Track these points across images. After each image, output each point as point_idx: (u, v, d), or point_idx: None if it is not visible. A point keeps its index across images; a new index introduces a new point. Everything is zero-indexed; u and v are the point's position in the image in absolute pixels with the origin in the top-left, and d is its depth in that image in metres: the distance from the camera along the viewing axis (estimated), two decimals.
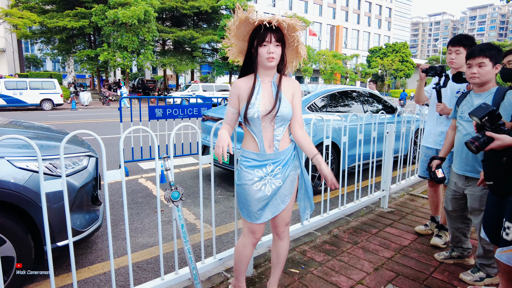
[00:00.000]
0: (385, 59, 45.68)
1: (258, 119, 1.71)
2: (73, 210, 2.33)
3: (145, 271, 2.59)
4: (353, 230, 3.26)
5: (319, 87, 5.13)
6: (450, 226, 2.65)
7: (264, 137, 1.75)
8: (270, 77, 1.78)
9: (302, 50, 1.78)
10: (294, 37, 1.73)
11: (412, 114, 4.76)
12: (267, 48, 1.66)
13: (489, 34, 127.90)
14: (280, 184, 1.81)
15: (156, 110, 5.51)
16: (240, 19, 1.67)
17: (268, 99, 1.74)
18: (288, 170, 1.83)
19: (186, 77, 38.29)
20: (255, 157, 1.78)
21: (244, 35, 1.77)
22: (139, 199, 4.18)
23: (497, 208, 1.93)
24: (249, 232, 1.89)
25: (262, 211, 1.81)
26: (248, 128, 1.78)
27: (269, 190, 1.79)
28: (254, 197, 1.78)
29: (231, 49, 1.84)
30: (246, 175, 1.78)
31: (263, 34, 1.66)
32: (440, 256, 2.72)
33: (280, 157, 1.80)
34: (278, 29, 1.69)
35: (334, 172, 4.65)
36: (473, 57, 2.19)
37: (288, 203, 1.87)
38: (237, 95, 1.78)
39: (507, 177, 1.77)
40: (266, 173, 1.78)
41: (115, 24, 21.85)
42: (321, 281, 2.36)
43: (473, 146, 1.79)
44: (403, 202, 4.15)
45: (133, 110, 6.98)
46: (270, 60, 1.68)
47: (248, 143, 1.81)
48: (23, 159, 2.12)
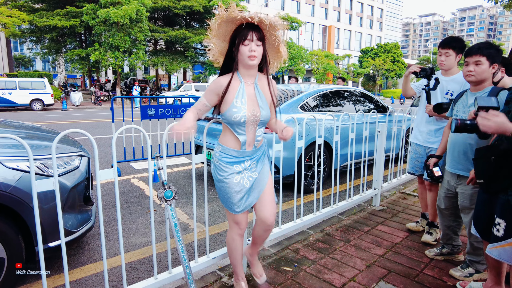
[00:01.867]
0: (376, 59, 46.05)
1: (244, 123, 1.80)
2: (65, 210, 2.31)
3: (138, 271, 2.58)
4: (346, 228, 3.29)
5: (311, 86, 5.16)
6: (442, 224, 2.69)
7: (248, 137, 1.85)
8: (253, 78, 1.82)
9: (282, 50, 1.81)
10: (275, 36, 1.75)
11: (403, 113, 4.82)
12: (249, 47, 1.68)
13: (478, 35, 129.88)
14: (257, 175, 1.93)
15: (148, 110, 5.48)
16: (222, 18, 1.67)
17: (253, 103, 1.80)
18: (262, 163, 1.97)
19: (178, 77, 38.11)
20: (235, 154, 1.87)
21: (225, 35, 1.78)
22: (132, 199, 4.16)
23: (488, 205, 1.97)
24: (234, 223, 1.99)
25: (242, 201, 1.91)
26: (231, 128, 1.83)
27: (247, 183, 1.89)
28: (234, 189, 1.88)
29: (212, 49, 1.84)
30: (226, 170, 1.87)
31: (245, 33, 1.67)
32: (430, 253, 2.76)
33: (257, 153, 1.93)
34: (260, 28, 1.70)
35: (326, 171, 4.69)
36: (470, 55, 2.20)
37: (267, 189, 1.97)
38: (217, 93, 1.80)
39: (496, 175, 1.81)
40: (244, 168, 1.89)
41: (106, 24, 21.63)
42: (314, 279, 2.38)
43: (454, 123, 1.85)
44: (394, 200, 4.20)
45: (125, 110, 6.93)
46: (252, 59, 1.69)
47: (228, 141, 1.88)
48: (13, 159, 2.10)
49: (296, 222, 2.98)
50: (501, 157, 1.78)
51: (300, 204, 3.06)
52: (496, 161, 1.80)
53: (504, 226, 1.77)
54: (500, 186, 1.80)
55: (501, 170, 1.79)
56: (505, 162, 1.77)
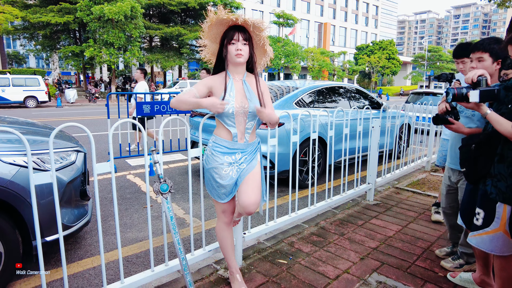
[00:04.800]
0: (372, 56, 46.19)
1: (233, 114, 1.91)
2: (62, 205, 2.32)
3: (135, 265, 2.61)
4: (340, 222, 3.34)
5: (307, 83, 5.20)
6: (447, 223, 2.70)
7: (238, 129, 1.96)
8: (241, 75, 1.98)
9: (268, 49, 1.97)
10: (260, 36, 1.91)
11: (397, 109, 4.87)
12: (235, 46, 1.86)
13: (472, 33, 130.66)
14: (244, 167, 2.00)
15: (144, 106, 5.49)
16: (212, 20, 1.86)
17: (241, 96, 1.93)
18: (253, 160, 2.04)
19: (173, 74, 37.97)
20: (227, 145, 1.96)
21: (215, 37, 1.97)
22: (128, 195, 4.18)
23: (473, 195, 2.03)
24: (221, 212, 2.10)
25: (229, 190, 1.98)
26: (221, 120, 1.95)
27: (235, 174, 1.98)
28: (222, 179, 1.96)
29: (204, 49, 2.03)
30: (216, 159, 1.96)
31: (232, 33, 1.86)
32: (441, 253, 2.69)
33: (248, 148, 2.01)
34: (246, 30, 1.88)
35: (321, 166, 4.73)
36: (473, 51, 2.15)
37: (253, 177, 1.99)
38: (207, 87, 1.94)
39: (475, 163, 1.87)
40: (234, 160, 1.97)
41: (101, 20, 21.48)
42: (308, 271, 2.42)
43: (451, 92, 1.83)
44: (388, 195, 4.26)
45: (121, 107, 6.92)
46: (239, 56, 1.87)
47: (221, 132, 1.99)
48: (10, 154, 2.11)
49: (291, 216, 3.02)
50: (480, 144, 1.84)
51: (295, 199, 3.10)
52: (476, 148, 1.86)
53: (482, 216, 1.83)
54: (478, 174, 1.85)
55: (479, 158, 1.84)
56: (483, 151, 1.83)
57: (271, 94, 4.76)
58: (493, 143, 1.80)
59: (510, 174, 1.71)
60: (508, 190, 1.71)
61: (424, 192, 4.35)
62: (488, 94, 1.72)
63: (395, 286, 2.27)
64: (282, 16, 35.96)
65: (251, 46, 1.93)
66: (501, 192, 1.74)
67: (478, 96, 1.72)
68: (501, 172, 1.74)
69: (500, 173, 1.75)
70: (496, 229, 1.77)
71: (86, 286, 2.33)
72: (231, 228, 2.19)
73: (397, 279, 2.35)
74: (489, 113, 1.75)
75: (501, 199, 1.74)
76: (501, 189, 1.74)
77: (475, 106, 1.79)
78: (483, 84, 1.76)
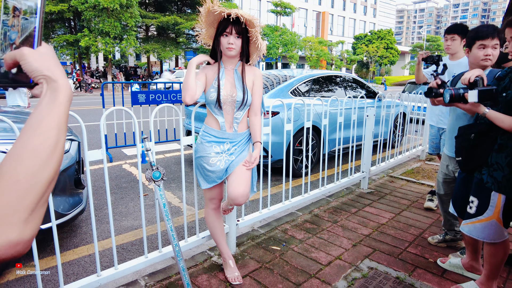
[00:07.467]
0: (370, 46, 45.91)
1: (216, 102, 1.91)
2: (56, 194, 2.34)
3: (129, 252, 2.64)
4: (333, 210, 3.37)
5: (304, 72, 5.18)
6: (442, 210, 2.72)
7: (226, 118, 1.97)
8: (233, 65, 1.99)
9: (260, 45, 1.95)
10: (251, 32, 1.90)
11: (392, 98, 4.87)
12: (228, 39, 1.86)
13: (471, 22, 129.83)
14: (233, 158, 2.00)
15: (139, 96, 5.46)
16: (206, 10, 1.84)
17: (230, 85, 1.94)
18: (243, 151, 2.03)
19: (170, 64, 37.63)
20: (215, 134, 1.98)
21: (213, 22, 1.95)
22: (123, 184, 4.19)
23: (466, 184, 2.05)
24: (208, 199, 2.14)
25: (218, 175, 2.00)
26: (210, 109, 1.97)
27: (222, 165, 1.99)
28: (209, 168, 1.99)
29: (202, 32, 2.01)
30: (205, 148, 1.99)
31: (225, 25, 1.85)
32: (434, 240, 2.75)
33: (238, 138, 2.01)
34: (240, 23, 1.86)
35: (316, 156, 4.75)
36: (490, 37, 2.05)
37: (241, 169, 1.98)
38: (204, 74, 1.97)
39: (473, 153, 1.88)
40: (223, 150, 1.98)
41: (96, 9, 21.13)
42: (301, 257, 2.46)
43: (448, 93, 1.82)
44: (382, 183, 4.30)
45: (116, 97, 6.88)
46: (230, 50, 1.87)
47: (210, 122, 2.01)
48: (1, 143, 2.11)
49: (285, 203, 3.04)
50: (479, 134, 1.85)
51: (289, 188, 3.12)
52: (475, 138, 1.87)
53: (476, 204, 1.85)
54: (476, 163, 1.87)
55: (478, 148, 1.86)
56: (482, 140, 1.84)
57: (267, 83, 4.74)
58: (493, 133, 1.81)
59: (508, 164, 1.72)
60: (504, 180, 1.73)
61: (418, 181, 4.38)
62: (487, 94, 1.73)
63: (386, 271, 2.31)
64: (280, 5, 35.54)
65: (245, 39, 1.92)
66: (496, 182, 1.76)
67: (477, 96, 1.73)
68: (499, 162, 1.76)
69: (497, 163, 1.76)
70: (490, 217, 1.80)
71: (82, 273, 2.35)
72: (220, 214, 2.22)
73: (388, 265, 2.39)
74: (488, 112, 1.76)
75: (496, 189, 1.76)
76: (497, 179, 1.75)
77: (472, 107, 1.80)
78: (480, 85, 1.76)
